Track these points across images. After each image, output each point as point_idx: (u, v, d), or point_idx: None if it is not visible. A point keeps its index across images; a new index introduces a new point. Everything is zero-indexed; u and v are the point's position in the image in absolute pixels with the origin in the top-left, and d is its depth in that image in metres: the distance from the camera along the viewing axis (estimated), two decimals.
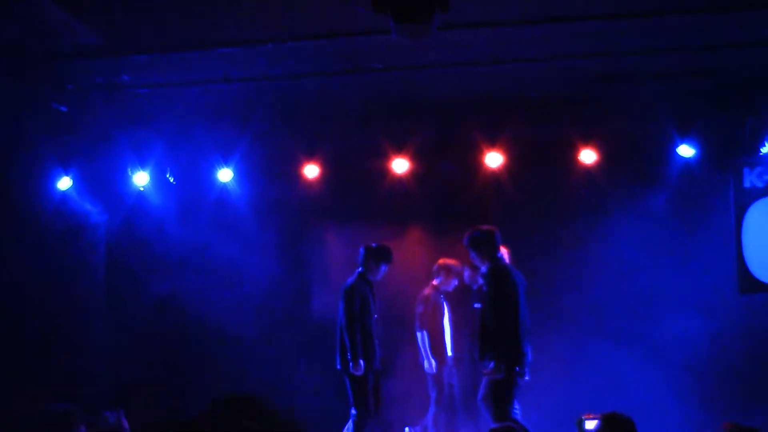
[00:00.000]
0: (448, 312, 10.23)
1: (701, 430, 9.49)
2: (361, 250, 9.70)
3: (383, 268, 9.73)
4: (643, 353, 10.37)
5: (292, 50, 8.94)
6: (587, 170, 10.70)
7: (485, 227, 9.04)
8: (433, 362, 9.95)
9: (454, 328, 10.25)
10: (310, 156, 11.14)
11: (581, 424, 6.05)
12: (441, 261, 10.28)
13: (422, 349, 9.97)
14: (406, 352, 10.44)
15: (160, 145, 10.89)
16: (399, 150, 10.85)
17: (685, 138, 10.32)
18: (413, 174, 11.01)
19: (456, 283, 10.25)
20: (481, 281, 10.18)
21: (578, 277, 10.80)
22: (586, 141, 10.56)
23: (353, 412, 9.38)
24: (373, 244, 9.78)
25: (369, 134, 10.70)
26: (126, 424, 7.28)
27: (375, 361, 9.55)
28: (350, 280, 9.62)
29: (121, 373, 11.42)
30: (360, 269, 9.64)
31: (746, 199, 10.63)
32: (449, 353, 10.18)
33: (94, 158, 11.04)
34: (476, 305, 10.16)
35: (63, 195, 11.15)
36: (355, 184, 11.22)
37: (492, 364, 8.53)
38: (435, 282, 10.24)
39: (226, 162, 11.06)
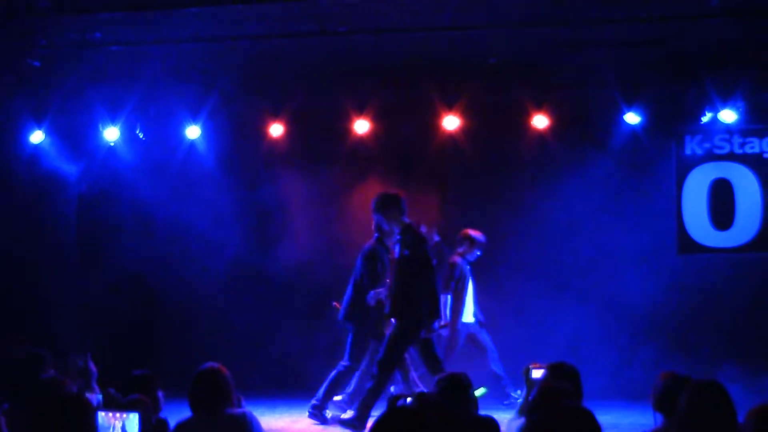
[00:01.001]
0: (473, 280, 10.43)
1: (640, 376, 10.00)
2: (377, 217, 9.20)
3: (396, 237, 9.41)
4: (589, 306, 10.85)
5: (261, 12, 9.20)
6: (540, 134, 11.12)
7: (392, 191, 9.07)
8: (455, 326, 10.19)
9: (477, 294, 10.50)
10: (275, 115, 11.43)
11: (528, 372, 6.22)
12: (465, 231, 10.50)
13: (443, 312, 9.91)
14: None
15: (130, 101, 11.08)
16: (361, 111, 11.17)
17: (631, 106, 10.74)
18: (374, 134, 11.35)
19: (479, 254, 10.48)
20: (436, 239, 10.67)
21: (529, 235, 11.29)
22: (539, 107, 10.96)
23: (346, 364, 9.43)
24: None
25: (332, 95, 11.02)
26: (94, 368, 7.29)
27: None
28: (370, 244, 9.55)
29: (92, 324, 11.69)
30: (377, 235, 9.49)
31: (687, 165, 11.16)
32: (472, 319, 10.40)
33: (66, 113, 11.25)
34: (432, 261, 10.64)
35: (36, 148, 11.36)
36: (319, 143, 11.55)
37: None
38: (460, 250, 10.45)
39: (194, 119, 11.31)
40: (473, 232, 10.49)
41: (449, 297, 10.27)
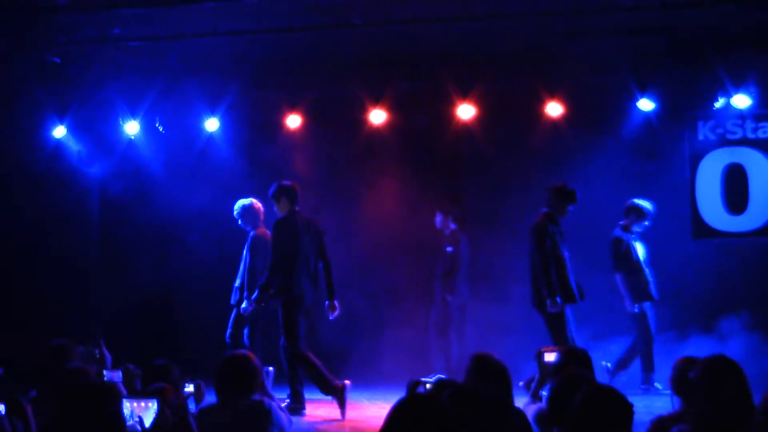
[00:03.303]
0: (645, 251, 10.22)
1: (657, 361, 10.08)
2: (548, 191, 9.54)
3: (570, 208, 9.61)
4: (605, 294, 10.87)
5: (277, 5, 9.36)
6: (553, 122, 11.16)
7: (287, 182, 9.33)
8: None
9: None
10: (293, 107, 11.53)
11: (541, 356, 6.30)
12: (631, 201, 10.25)
13: (622, 290, 10.08)
14: None
15: (150, 95, 11.21)
16: (377, 101, 11.24)
17: (644, 92, 10.75)
18: (390, 124, 11.43)
19: (648, 224, 10.23)
20: (453, 227, 10.81)
21: None
22: (552, 95, 11.00)
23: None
24: (558, 183, 9.64)
25: (348, 86, 11.11)
26: (108, 354, 7.26)
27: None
28: (536, 220, 9.55)
29: (111, 313, 11.87)
30: (546, 209, 9.57)
31: (700, 151, 11.19)
32: (652, 293, 10.15)
33: (87, 108, 11.42)
34: (448, 249, 10.79)
35: (58, 143, 11.56)
36: (335, 134, 11.65)
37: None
38: (623, 222, 10.24)
39: (212, 112, 11.43)
40: (640, 202, 10.22)
41: (619, 275, 10.02)
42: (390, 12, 9.53)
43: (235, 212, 10.02)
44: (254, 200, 10.02)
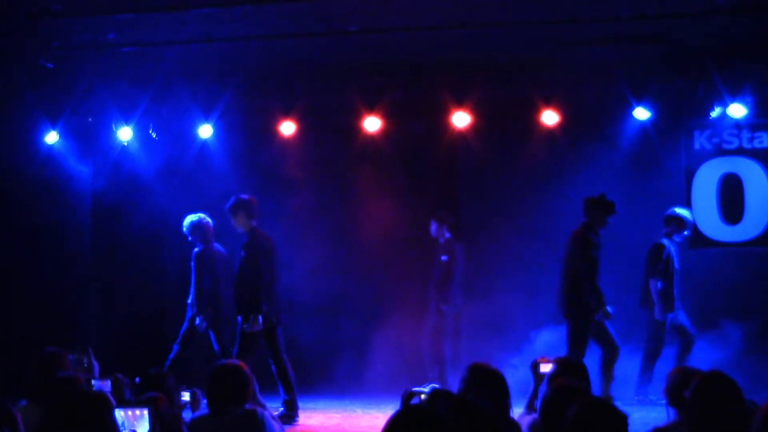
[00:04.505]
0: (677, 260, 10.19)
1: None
2: (587, 202, 9.55)
3: (609, 220, 9.60)
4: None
5: (271, 12, 9.30)
6: (549, 131, 11.11)
7: (245, 196, 9.43)
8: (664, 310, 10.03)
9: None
10: (287, 113, 11.46)
11: (536, 367, 6.23)
12: (672, 210, 10.23)
13: (654, 297, 10.05)
14: None
15: (143, 101, 11.15)
16: (371, 109, 11.18)
17: (640, 101, 10.73)
18: (385, 132, 11.37)
19: (687, 234, 10.28)
20: (447, 235, 10.76)
21: (538, 231, 11.25)
22: (548, 103, 10.96)
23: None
24: (595, 195, 9.61)
25: (343, 93, 11.04)
26: (96, 363, 7.10)
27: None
28: (577, 230, 9.56)
29: (102, 322, 11.79)
30: (585, 220, 9.56)
31: (696, 160, 11.19)
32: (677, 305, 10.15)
33: (80, 113, 11.32)
34: (443, 258, 10.72)
35: (50, 148, 11.46)
36: (330, 141, 11.59)
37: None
38: (666, 231, 10.21)
39: (206, 119, 11.37)
40: (681, 211, 10.25)
41: (658, 282, 10.05)
42: (385, 20, 9.50)
43: (184, 228, 10.15)
44: (203, 216, 10.15)
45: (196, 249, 10.17)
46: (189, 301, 10.22)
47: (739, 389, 4.46)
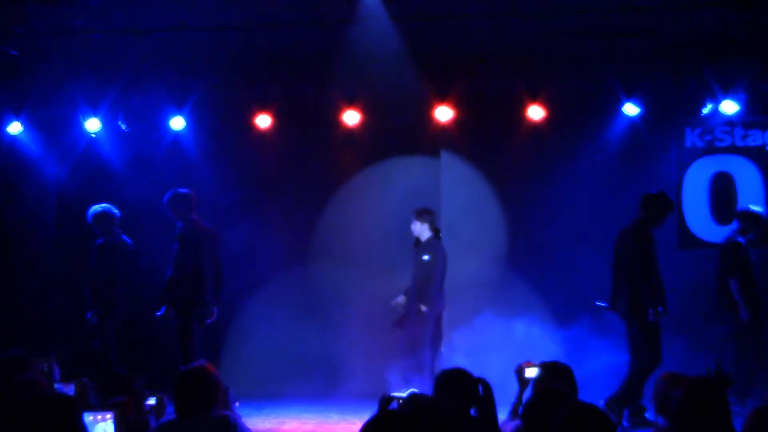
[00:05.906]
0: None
1: None
2: (645, 199, 9.20)
3: (667, 217, 9.32)
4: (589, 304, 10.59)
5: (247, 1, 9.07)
6: (535, 126, 10.88)
7: (183, 190, 9.70)
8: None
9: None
10: (263, 106, 11.14)
11: (521, 372, 6.04)
12: (746, 208, 9.95)
13: (736, 296, 9.63)
14: None
15: (112, 91, 10.83)
16: (351, 102, 10.92)
17: (630, 97, 10.53)
18: (365, 126, 11.06)
19: (752, 237, 9.85)
20: (429, 234, 10.42)
21: (523, 229, 11.06)
22: (534, 97, 10.73)
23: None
24: (654, 191, 9.32)
25: (322, 86, 10.76)
26: (56, 368, 7.23)
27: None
28: (631, 226, 9.20)
29: (68, 323, 11.40)
30: (640, 216, 9.20)
31: (687, 158, 10.98)
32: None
33: (45, 103, 11.01)
34: (424, 257, 10.38)
35: (13, 140, 11.14)
36: (307, 135, 11.28)
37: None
38: (740, 228, 9.85)
39: (179, 110, 11.05)
40: (757, 209, 9.88)
41: (734, 281, 9.63)
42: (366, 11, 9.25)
43: (89, 218, 10.11)
44: (107, 206, 10.17)
45: (98, 241, 10.16)
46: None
47: (725, 396, 4.47)
